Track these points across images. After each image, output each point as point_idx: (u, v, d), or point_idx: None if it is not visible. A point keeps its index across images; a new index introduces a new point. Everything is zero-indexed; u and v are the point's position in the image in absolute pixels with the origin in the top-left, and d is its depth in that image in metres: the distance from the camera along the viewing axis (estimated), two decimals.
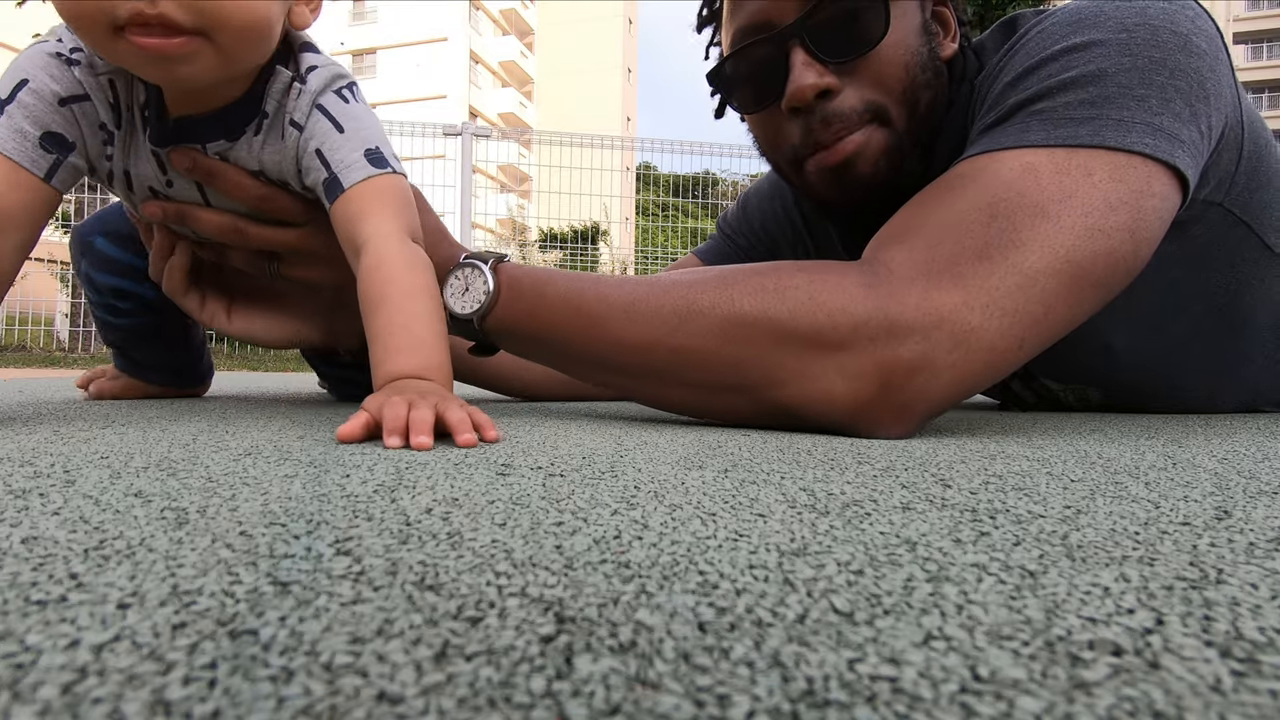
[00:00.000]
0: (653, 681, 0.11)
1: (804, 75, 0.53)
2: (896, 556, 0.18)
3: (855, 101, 0.54)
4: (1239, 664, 0.12)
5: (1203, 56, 0.49)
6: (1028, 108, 0.48)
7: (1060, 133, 0.46)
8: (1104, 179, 0.45)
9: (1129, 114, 0.46)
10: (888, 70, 0.54)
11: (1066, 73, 0.48)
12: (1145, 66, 0.47)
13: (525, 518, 0.22)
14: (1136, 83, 0.46)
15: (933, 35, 0.57)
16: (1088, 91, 0.47)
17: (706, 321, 0.47)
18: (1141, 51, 0.47)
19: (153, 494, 0.24)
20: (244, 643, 0.12)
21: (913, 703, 0.10)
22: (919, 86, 0.56)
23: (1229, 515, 0.23)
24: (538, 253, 4.55)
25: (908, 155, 0.57)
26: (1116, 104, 0.46)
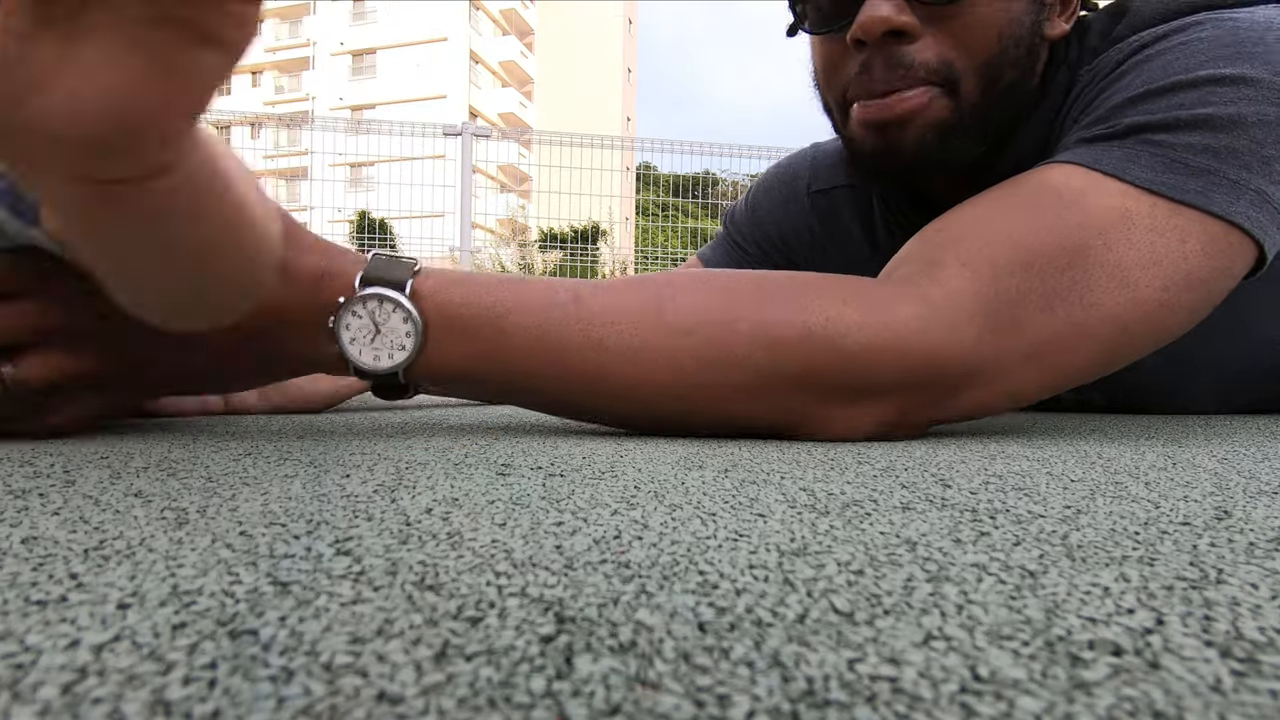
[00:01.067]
0: (653, 681, 0.11)
1: (879, 6, 0.46)
2: (896, 556, 0.18)
3: (929, 55, 0.48)
4: (1239, 664, 0.12)
5: None
6: (1143, 135, 0.43)
7: (1169, 179, 0.42)
8: (1195, 250, 0.41)
9: (1247, 176, 0.42)
10: (978, 30, 0.47)
11: (1201, 108, 0.42)
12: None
13: (525, 518, 0.22)
14: (1271, 140, 0.42)
15: (1045, 6, 0.50)
16: (1216, 138, 0.42)
17: (739, 376, 0.40)
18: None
19: (153, 494, 0.24)
20: (244, 643, 0.12)
21: (913, 702, 0.10)
22: (1007, 62, 0.49)
23: (1229, 515, 0.23)
24: (538, 253, 4.56)
25: (963, 136, 0.50)
26: (1241, 161, 0.42)
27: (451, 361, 0.40)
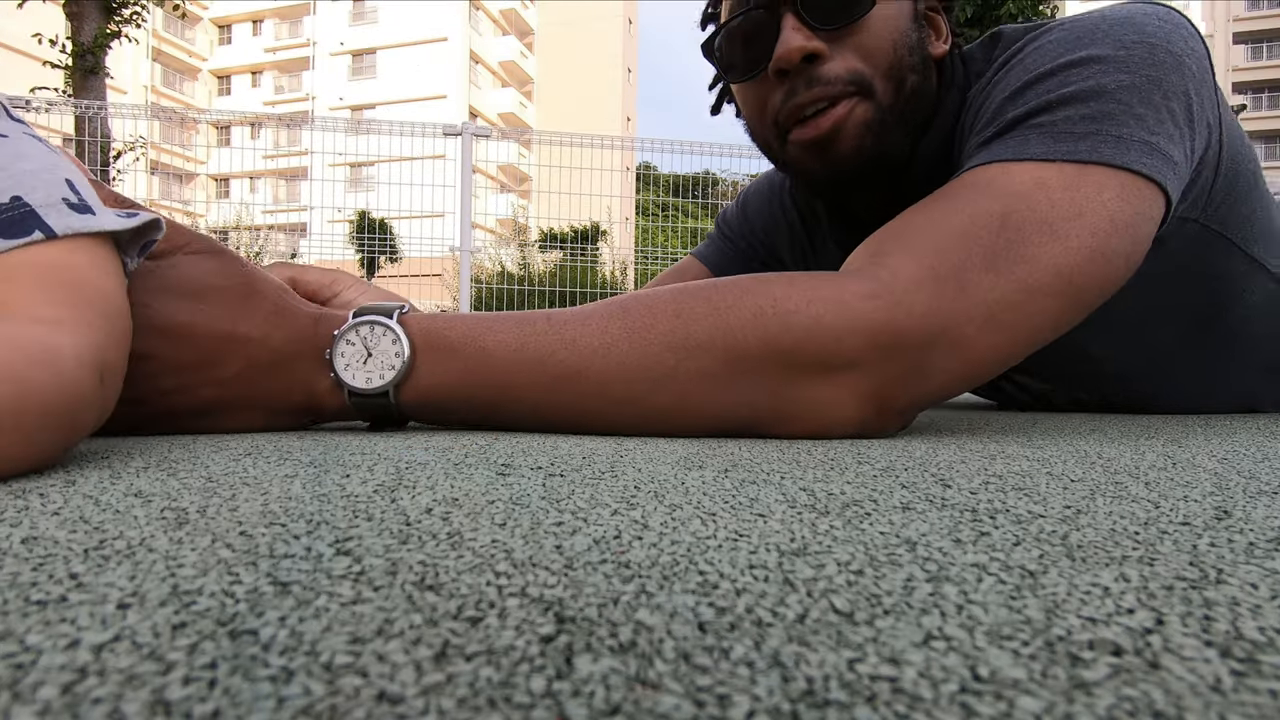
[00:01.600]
0: (653, 681, 0.11)
1: (792, 38, 0.54)
2: (896, 556, 0.18)
3: (840, 69, 0.55)
4: (1239, 664, 0.12)
5: (1194, 78, 0.49)
6: (1027, 121, 0.48)
7: (1061, 147, 0.46)
8: (1112, 198, 0.45)
9: (1128, 131, 0.46)
10: (874, 43, 0.55)
11: (1065, 88, 0.48)
12: (1142, 85, 0.47)
13: (525, 518, 0.22)
14: (1135, 100, 0.47)
15: (924, 28, 0.59)
16: (1088, 107, 0.47)
17: (706, 360, 0.43)
18: (1139, 70, 0.47)
19: (153, 494, 0.24)
20: (244, 643, 0.12)
21: (913, 703, 0.10)
22: (905, 67, 0.56)
23: (1229, 515, 0.23)
24: (538, 253, 4.55)
25: (892, 130, 0.56)
26: (1116, 120, 0.46)
27: (439, 381, 0.43)
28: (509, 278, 4.11)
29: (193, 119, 4.41)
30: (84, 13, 4.84)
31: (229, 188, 18.79)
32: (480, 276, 4.02)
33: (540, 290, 3.88)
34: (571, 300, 3.85)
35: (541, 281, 4.00)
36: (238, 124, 3.86)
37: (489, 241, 5.29)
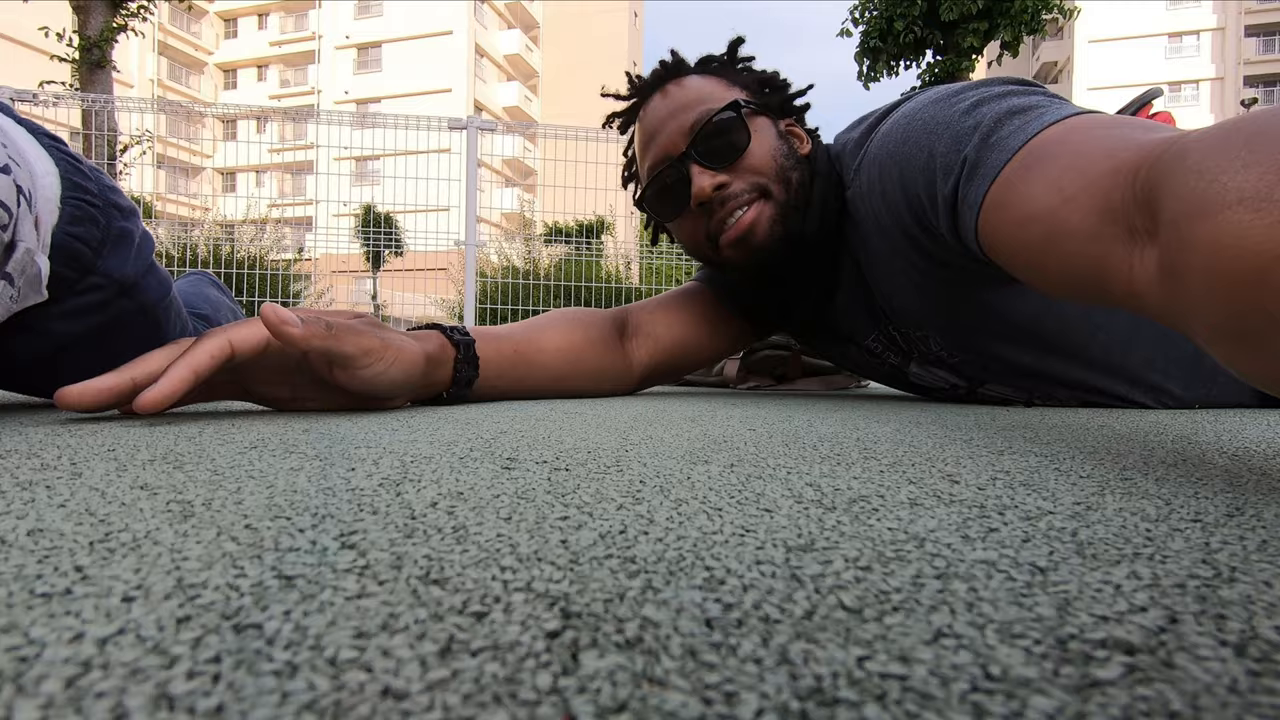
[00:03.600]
0: (659, 678, 0.11)
1: (701, 180, 0.73)
2: (904, 553, 0.18)
3: (741, 185, 0.73)
4: (1255, 663, 0.11)
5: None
6: (984, 143, 0.52)
7: (1032, 128, 0.49)
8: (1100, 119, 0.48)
9: (1054, 105, 0.51)
10: (760, 163, 0.74)
11: (987, 113, 0.54)
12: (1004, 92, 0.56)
13: (530, 512, 0.22)
14: (996, 94, 0.55)
15: (789, 139, 0.78)
16: (1018, 113, 0.52)
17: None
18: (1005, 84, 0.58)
19: (159, 486, 0.24)
20: (248, 637, 0.12)
21: (923, 701, 0.10)
22: (787, 169, 0.75)
23: (1241, 512, 0.23)
24: (543, 246, 4.55)
25: (791, 216, 0.74)
26: (1037, 108, 0.51)
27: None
28: (514, 272, 4.11)
29: (199, 113, 4.41)
30: (90, 6, 4.84)
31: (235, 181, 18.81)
32: (485, 270, 4.01)
33: (545, 285, 3.88)
34: (576, 294, 3.84)
35: (546, 276, 4.00)
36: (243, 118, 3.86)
37: (494, 236, 5.28)
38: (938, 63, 8.11)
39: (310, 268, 4.82)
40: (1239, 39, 21.78)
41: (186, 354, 0.45)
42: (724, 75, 0.79)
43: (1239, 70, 21.61)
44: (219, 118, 4.88)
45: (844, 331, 0.85)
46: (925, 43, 8.07)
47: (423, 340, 0.57)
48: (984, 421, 0.55)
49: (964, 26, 7.61)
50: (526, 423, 0.48)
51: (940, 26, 7.88)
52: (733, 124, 0.74)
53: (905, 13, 7.90)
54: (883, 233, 0.70)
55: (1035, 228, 0.44)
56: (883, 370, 0.88)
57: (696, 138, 0.73)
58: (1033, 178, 0.46)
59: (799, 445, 0.38)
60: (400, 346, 0.53)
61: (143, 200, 4.15)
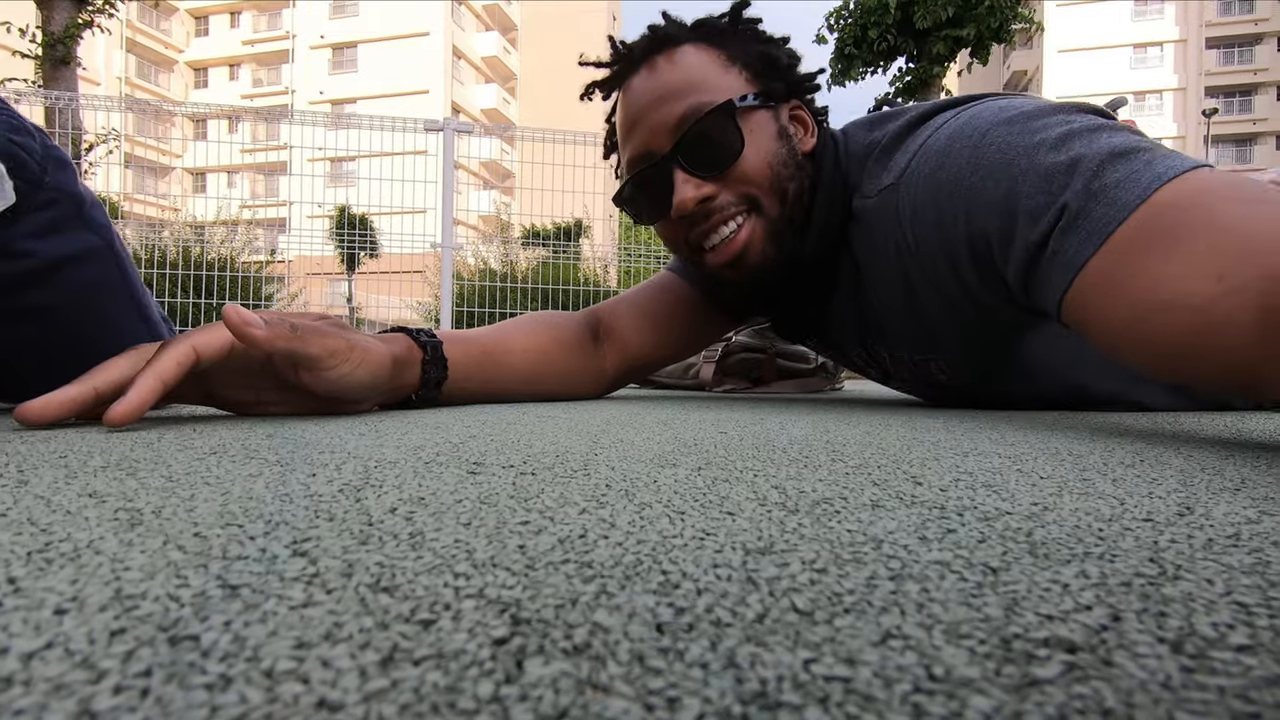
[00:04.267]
0: (603, 685, 0.11)
1: (684, 190, 0.65)
2: (861, 554, 0.18)
3: (730, 198, 0.66)
4: (1190, 660, 0.12)
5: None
6: (1088, 196, 0.46)
7: (1145, 180, 0.44)
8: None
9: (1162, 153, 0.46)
10: (753, 171, 0.65)
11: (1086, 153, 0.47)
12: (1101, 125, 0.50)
13: (491, 517, 0.21)
14: (1097, 129, 0.49)
15: (791, 137, 0.68)
16: (1121, 158, 0.46)
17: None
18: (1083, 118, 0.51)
19: (108, 494, 0.24)
20: (183, 649, 0.12)
21: (865, 703, 0.10)
22: (784, 179, 0.67)
23: (1191, 511, 0.23)
24: (521, 249, 4.53)
25: (785, 235, 0.67)
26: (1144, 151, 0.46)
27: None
28: (491, 275, 4.09)
29: (168, 111, 4.33)
30: (55, 2, 4.73)
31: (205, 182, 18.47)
32: (462, 273, 3.98)
33: (522, 288, 3.86)
34: (554, 297, 3.83)
35: (524, 279, 3.98)
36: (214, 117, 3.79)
37: (471, 238, 5.25)
38: (910, 70, 8.24)
39: (283, 270, 4.75)
40: (1200, 50, 22.45)
41: (152, 363, 0.44)
42: (723, 47, 0.68)
43: (1200, 81, 22.26)
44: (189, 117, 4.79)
45: (833, 339, 0.82)
46: (898, 50, 8.20)
47: (389, 342, 0.56)
48: (952, 424, 0.55)
49: (936, 35, 7.75)
50: (497, 427, 0.47)
51: (914, 34, 8.01)
52: (725, 127, 0.64)
53: (879, 20, 8.02)
54: (910, 254, 0.62)
55: (1181, 317, 0.39)
56: (869, 373, 0.86)
57: (683, 139, 0.65)
58: (1173, 254, 0.40)
59: (769, 448, 0.38)
60: (366, 348, 0.52)
61: (109, 200, 4.06)
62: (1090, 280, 0.45)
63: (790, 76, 0.70)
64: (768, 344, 1.38)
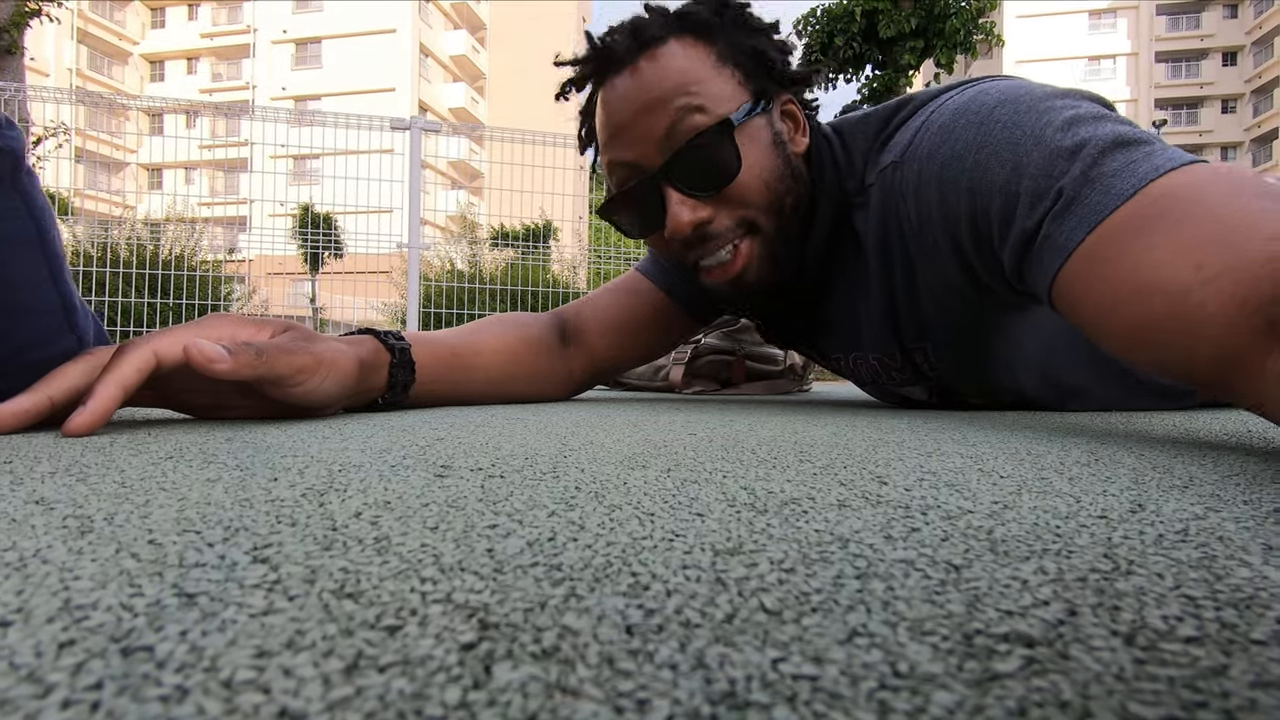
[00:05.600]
0: (573, 688, 0.11)
1: (680, 213, 0.62)
2: (828, 554, 0.18)
3: (726, 222, 0.63)
4: (1142, 652, 0.12)
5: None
6: (1084, 182, 0.45)
7: (1143, 169, 0.43)
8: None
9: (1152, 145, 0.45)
10: (750, 192, 0.63)
11: (1088, 138, 0.46)
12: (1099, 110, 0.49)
13: (459, 520, 0.21)
14: (1104, 117, 0.48)
15: (785, 142, 0.65)
16: (1122, 147, 0.45)
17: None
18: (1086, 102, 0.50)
19: (56, 501, 0.23)
20: (136, 660, 0.11)
21: (832, 701, 0.10)
22: (782, 195, 0.64)
23: (1143, 509, 0.24)
24: (489, 251, 4.49)
25: (782, 254, 0.66)
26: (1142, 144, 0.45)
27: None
28: (459, 276, 4.04)
29: (122, 105, 4.18)
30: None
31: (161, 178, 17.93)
32: (429, 274, 3.93)
33: (490, 289, 3.83)
34: (523, 299, 3.80)
35: (492, 280, 3.94)
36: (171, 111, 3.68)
37: (439, 239, 5.18)
38: (876, 77, 8.40)
39: (244, 269, 4.63)
40: (1150, 64, 23.33)
41: (111, 370, 0.42)
42: (711, 42, 0.63)
43: (1150, 93, 23.12)
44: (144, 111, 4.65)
45: (820, 344, 0.80)
46: (864, 58, 8.35)
47: (356, 345, 0.55)
48: (916, 425, 0.56)
49: (901, 44, 7.92)
50: (465, 429, 0.47)
51: (878, 43, 8.17)
52: (721, 146, 0.61)
53: (845, 29, 8.16)
54: (912, 233, 0.60)
55: (1156, 301, 0.39)
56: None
57: (677, 158, 0.61)
58: (1156, 240, 0.40)
59: (738, 449, 0.39)
60: (333, 360, 0.51)
61: (58, 196, 3.91)
62: (1078, 263, 0.44)
63: (782, 72, 0.66)
64: (736, 346, 1.39)
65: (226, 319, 0.49)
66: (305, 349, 0.49)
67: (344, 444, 0.38)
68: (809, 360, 1.46)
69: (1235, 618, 0.14)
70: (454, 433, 0.44)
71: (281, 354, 0.47)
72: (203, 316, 0.49)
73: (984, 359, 0.69)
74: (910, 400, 0.82)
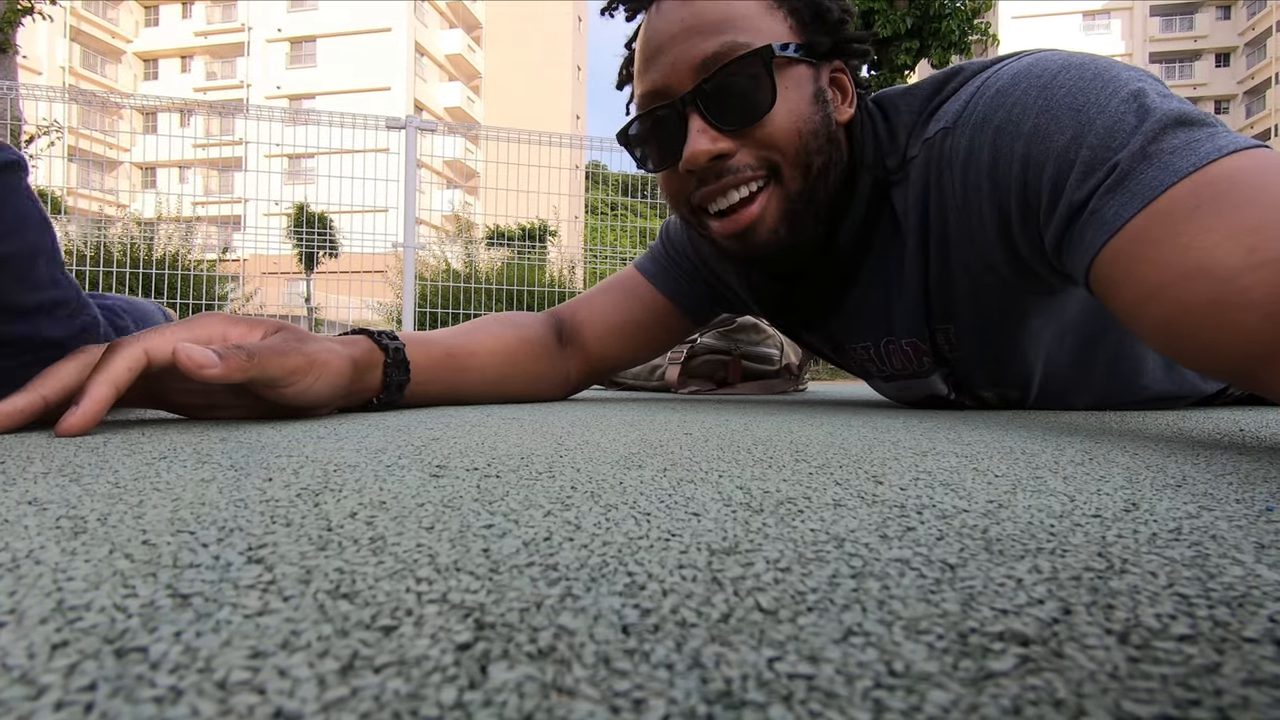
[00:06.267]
0: (569, 688, 0.11)
1: (698, 141, 0.57)
2: (824, 553, 0.18)
3: (748, 159, 0.58)
4: (1135, 650, 0.12)
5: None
6: (1140, 158, 0.43)
7: (1204, 150, 0.42)
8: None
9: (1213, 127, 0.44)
10: (779, 136, 0.58)
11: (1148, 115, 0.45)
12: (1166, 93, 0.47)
13: (455, 520, 0.21)
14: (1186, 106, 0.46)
15: (827, 102, 0.61)
16: (1183, 124, 0.44)
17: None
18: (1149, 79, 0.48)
19: (49, 501, 0.23)
20: (130, 661, 0.11)
21: (827, 700, 0.10)
22: (812, 151, 0.59)
23: (1136, 507, 0.24)
24: (485, 250, 4.48)
25: (803, 216, 0.60)
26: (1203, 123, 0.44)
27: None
28: (454, 275, 4.03)
29: (115, 103, 4.17)
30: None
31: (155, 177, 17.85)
32: (424, 274, 3.93)
33: (486, 288, 3.82)
34: (519, 298, 3.80)
35: (488, 280, 3.94)
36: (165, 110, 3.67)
37: (434, 238, 5.18)
38: (871, 78, 8.41)
39: (238, 268, 4.61)
40: (1145, 65, 23.38)
41: (102, 368, 0.42)
42: None
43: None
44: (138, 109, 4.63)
45: (833, 331, 0.75)
46: None
47: (350, 345, 0.55)
48: (911, 424, 0.57)
49: (896, 44, 7.93)
50: (460, 429, 0.47)
51: (874, 43, 8.17)
52: (757, 76, 0.56)
53: None
54: (955, 206, 0.57)
55: (1202, 286, 0.37)
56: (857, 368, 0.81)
57: (708, 82, 0.57)
58: (1212, 223, 0.38)
59: (733, 449, 0.39)
60: (326, 361, 0.50)
61: (50, 195, 3.89)
62: (1125, 241, 0.42)
63: (839, 33, 0.61)
64: (732, 346, 1.39)
65: (217, 318, 0.48)
66: (297, 350, 0.49)
67: (339, 444, 0.38)
68: (804, 361, 1.46)
69: (1228, 616, 0.14)
70: (449, 432, 0.44)
71: (273, 355, 0.47)
72: (194, 315, 0.49)
73: (1004, 346, 0.67)
74: (933, 398, 0.78)
